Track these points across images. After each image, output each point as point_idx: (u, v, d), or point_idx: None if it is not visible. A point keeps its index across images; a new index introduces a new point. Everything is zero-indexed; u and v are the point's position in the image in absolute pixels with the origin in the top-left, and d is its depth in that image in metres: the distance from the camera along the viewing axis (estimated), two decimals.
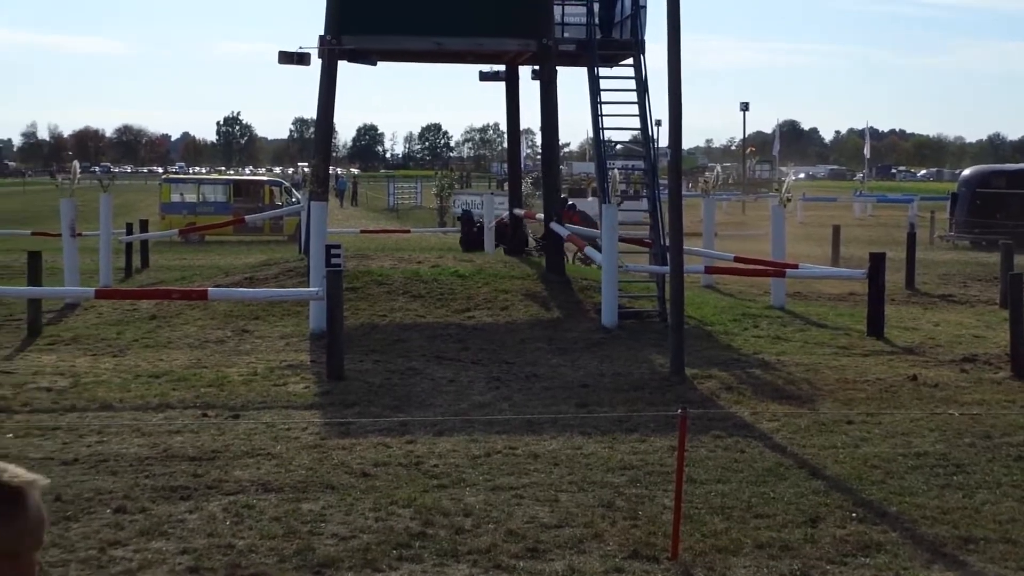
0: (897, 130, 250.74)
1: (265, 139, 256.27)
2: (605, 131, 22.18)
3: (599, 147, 22.01)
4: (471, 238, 32.25)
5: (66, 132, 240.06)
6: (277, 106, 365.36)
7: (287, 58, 23.05)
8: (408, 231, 36.02)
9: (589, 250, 21.12)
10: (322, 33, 22.44)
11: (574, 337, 18.84)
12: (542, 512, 9.87)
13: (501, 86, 27.72)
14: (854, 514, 9.88)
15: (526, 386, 15.41)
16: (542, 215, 24.18)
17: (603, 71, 22.54)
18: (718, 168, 41.37)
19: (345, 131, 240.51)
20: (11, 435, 12.54)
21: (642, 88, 21.92)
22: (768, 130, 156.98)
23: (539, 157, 35.37)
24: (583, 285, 22.47)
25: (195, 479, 10.89)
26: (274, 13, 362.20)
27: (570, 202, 34.97)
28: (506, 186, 39.40)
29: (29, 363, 16.89)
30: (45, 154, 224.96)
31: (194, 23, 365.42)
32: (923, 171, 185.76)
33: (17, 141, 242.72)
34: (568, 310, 20.75)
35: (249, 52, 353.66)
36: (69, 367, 16.53)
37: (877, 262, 20.08)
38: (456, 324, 19.70)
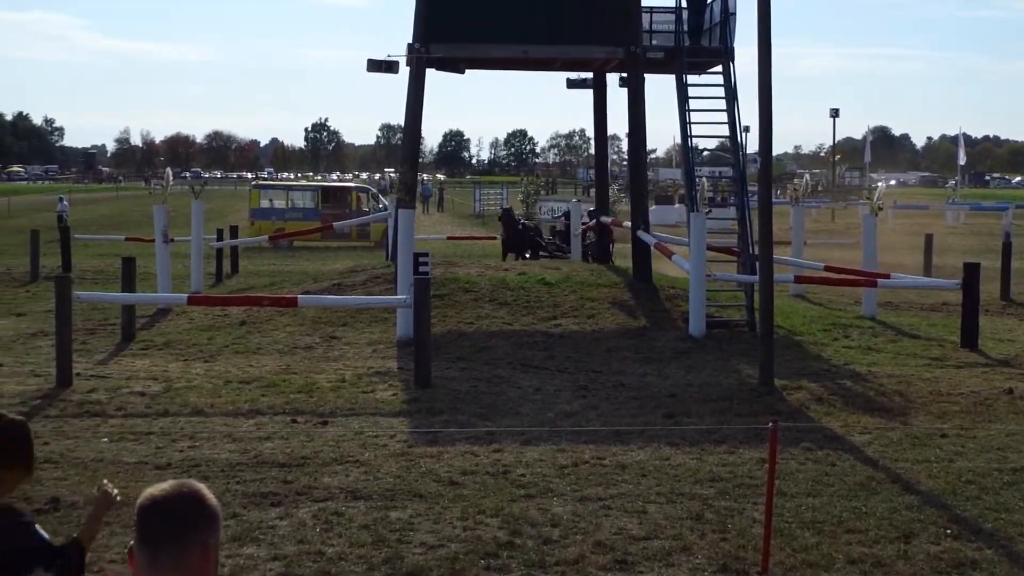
0: (991, 136, 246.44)
1: (352, 145, 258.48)
2: (693, 139, 22.05)
3: (687, 155, 21.89)
4: (513, 242, 30.89)
5: (158, 138, 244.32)
6: (364, 112, 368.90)
7: (375, 66, 23.24)
8: (495, 238, 35.95)
9: (677, 258, 20.98)
10: (410, 41, 22.59)
11: (661, 346, 18.75)
12: (630, 524, 9.83)
13: (588, 92, 27.71)
14: (948, 530, 9.71)
15: (613, 395, 15.36)
16: (629, 223, 24.07)
17: (691, 78, 22.41)
18: (807, 176, 40.84)
19: (431, 137, 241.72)
20: (106, 439, 12.76)
21: (731, 96, 21.76)
22: (858, 136, 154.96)
23: (625, 163, 35.14)
24: (670, 293, 22.35)
25: (285, 485, 10.99)
26: (362, 21, 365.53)
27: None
28: (592, 192, 39.29)
29: (123, 367, 17.18)
30: (138, 159, 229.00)
31: (283, 31, 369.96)
32: (1018, 178, 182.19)
33: (111, 147, 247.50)
34: (655, 319, 20.64)
35: (337, 59, 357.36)
36: (162, 372, 16.78)
37: (971, 272, 19.72)
38: (542, 332, 19.69)
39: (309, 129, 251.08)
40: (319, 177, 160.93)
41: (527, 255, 30.06)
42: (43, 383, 15.83)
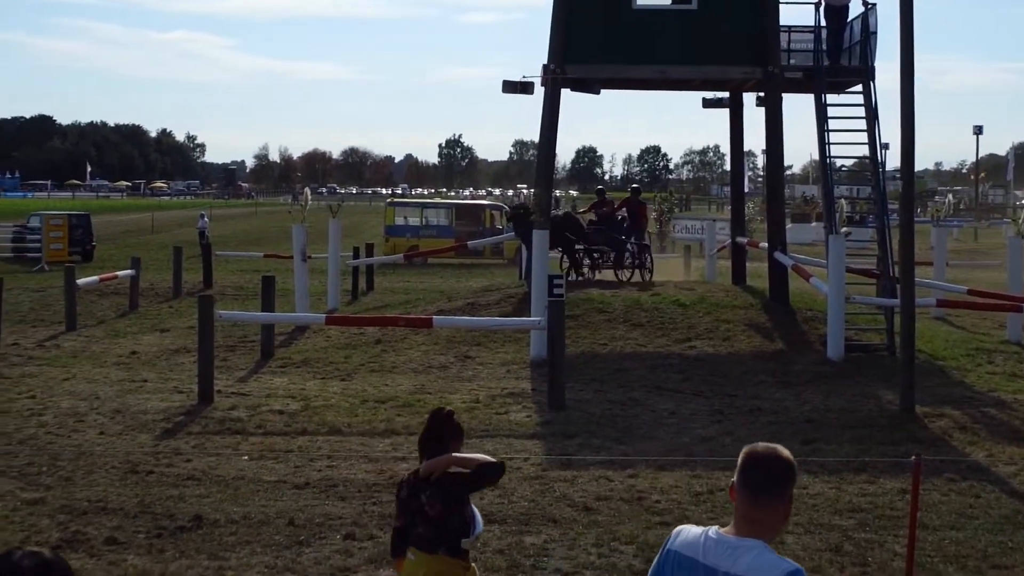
0: None
1: (485, 161, 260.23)
2: (832, 158, 21.70)
3: (826, 175, 21.53)
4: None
5: (296, 154, 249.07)
6: (497, 129, 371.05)
7: (511, 87, 23.33)
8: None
9: (815, 280, 20.64)
10: (546, 62, 22.63)
11: (798, 370, 18.46)
12: None
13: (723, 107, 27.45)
14: None
15: (749, 420, 15.16)
16: (765, 244, 23.77)
17: (830, 97, 22.07)
18: (950, 197, 39.91)
19: (564, 153, 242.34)
20: (247, 457, 13.00)
21: (872, 115, 21.36)
22: (1002, 152, 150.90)
23: (760, 179, 34.60)
24: (807, 316, 22.01)
25: None
26: (496, 38, 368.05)
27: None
28: (727, 209, 38.89)
29: (263, 385, 17.50)
30: (276, 175, 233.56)
31: (417, 49, 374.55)
32: None
33: (250, 163, 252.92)
34: (792, 341, 20.34)
35: (470, 77, 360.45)
36: (300, 390, 17.05)
37: None
38: (677, 354, 19.54)
39: (443, 145, 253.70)
40: (452, 193, 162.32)
41: (565, 264, 27.12)
42: (185, 400, 16.21)
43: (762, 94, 23.96)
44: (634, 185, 31.80)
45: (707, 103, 27.67)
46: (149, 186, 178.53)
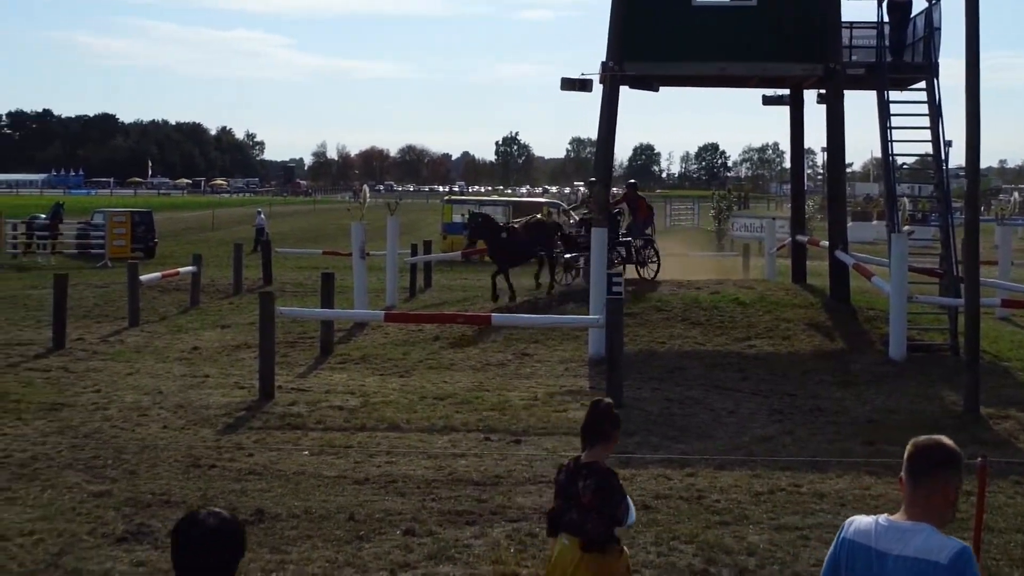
0: None
1: (542, 158, 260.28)
2: (894, 156, 21.47)
3: (888, 173, 21.31)
4: (503, 254, 25.71)
5: (353, 152, 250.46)
6: (554, 126, 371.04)
7: (569, 84, 23.30)
8: (686, 254, 35.71)
9: (877, 280, 20.45)
10: (604, 59, 22.58)
11: (859, 369, 18.30)
12: None
13: (782, 104, 27.24)
14: None
15: (809, 420, 15.05)
16: (826, 242, 23.58)
17: (893, 94, 21.83)
18: (1015, 195, 39.37)
19: (621, 150, 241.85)
20: (307, 452, 13.09)
21: (935, 112, 21.10)
22: None
23: (820, 177, 34.21)
24: (869, 315, 21.81)
25: (479, 504, 11.09)
26: (552, 36, 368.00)
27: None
28: (787, 207, 38.62)
29: (322, 381, 17.61)
30: (333, 173, 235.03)
31: (474, 47, 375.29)
32: None
33: (308, 160, 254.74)
34: (853, 341, 20.16)
35: (526, 74, 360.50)
36: (359, 386, 17.14)
37: None
38: (736, 353, 19.44)
39: (500, 143, 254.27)
40: (509, 191, 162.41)
41: (541, 274, 26.04)
42: (247, 395, 16.34)
43: (823, 91, 23.78)
44: (631, 180, 30.35)
45: (767, 100, 27.49)
46: (209, 183, 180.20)
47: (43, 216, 47.13)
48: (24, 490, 11.43)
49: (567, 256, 26.02)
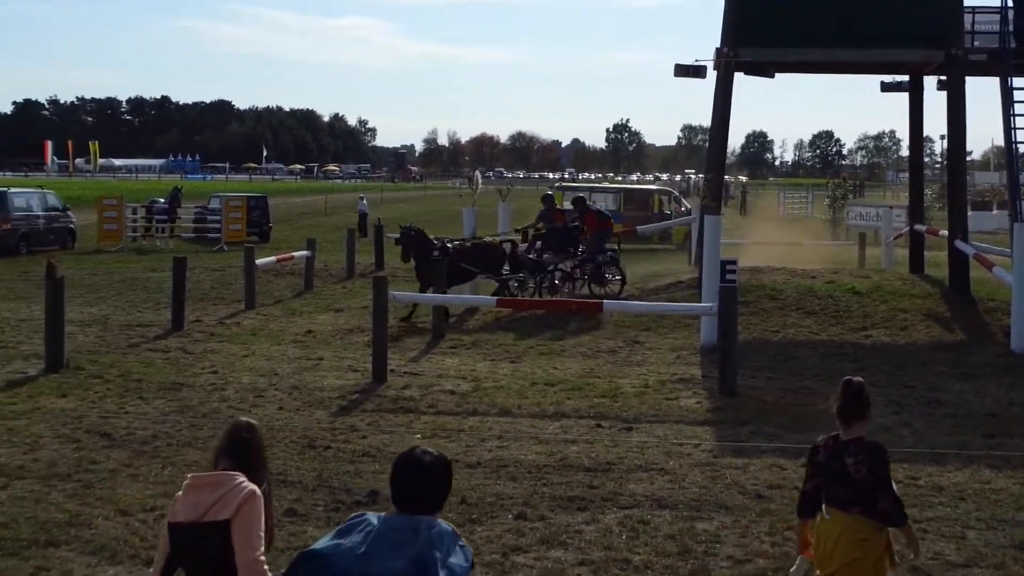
0: None
1: (653, 145, 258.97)
2: (1018, 144, 20.96)
3: (1011, 161, 20.82)
4: (428, 276, 22.54)
5: (464, 138, 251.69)
6: (665, 113, 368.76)
7: (683, 71, 23.14)
8: (801, 243, 35.22)
9: (998, 270, 19.98)
10: (718, 45, 22.38)
11: (980, 361, 17.90)
12: (947, 549, 9.42)
13: (900, 92, 26.73)
14: None
15: (927, 412, 14.76)
16: (945, 232, 23.11)
17: (1017, 80, 21.30)
18: None
19: (733, 137, 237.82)
20: (419, 435, 13.20)
21: None
22: None
23: (938, 166, 33.46)
24: (990, 306, 21.34)
25: (591, 490, 11.08)
26: (663, 22, 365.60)
27: (588, 203, 28.02)
28: (904, 196, 37.88)
29: (434, 365, 17.74)
30: (444, 159, 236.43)
31: (584, 34, 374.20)
32: None
33: (419, 147, 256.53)
34: (973, 332, 19.74)
35: (636, 61, 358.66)
36: (470, 371, 17.23)
37: None
38: (851, 343, 19.15)
39: (610, 130, 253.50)
40: (619, 178, 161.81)
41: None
42: (360, 378, 16.53)
43: (944, 77, 23.29)
44: (579, 195, 27.97)
45: (885, 87, 27.00)
46: (322, 169, 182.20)
47: (162, 200, 48.11)
48: (146, 467, 11.70)
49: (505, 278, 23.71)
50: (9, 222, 37.65)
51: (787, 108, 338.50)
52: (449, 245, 23.04)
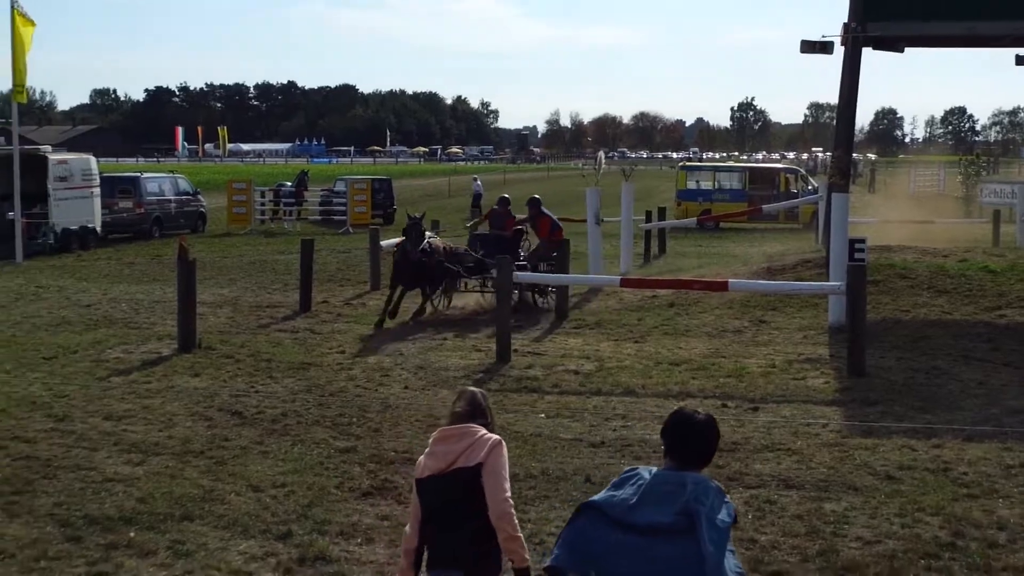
0: None
1: (779, 124, 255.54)
2: None
3: None
4: (406, 268, 20.39)
5: (586, 119, 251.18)
6: (791, 91, 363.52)
7: (809, 47, 22.70)
8: (932, 221, 34.47)
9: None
10: (845, 20, 21.92)
11: None
12: None
13: None
14: None
15: None
16: None
17: None
18: None
19: (862, 115, 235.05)
20: (543, 415, 13.24)
21: None
22: None
23: None
24: None
25: (716, 470, 10.97)
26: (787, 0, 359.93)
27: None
28: None
29: (558, 345, 17.76)
30: (567, 140, 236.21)
31: (707, 11, 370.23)
32: None
33: (542, 128, 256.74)
34: None
35: (763, 38, 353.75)
36: (594, 351, 17.21)
37: None
38: (985, 322, 18.69)
39: (735, 108, 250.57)
40: (744, 157, 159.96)
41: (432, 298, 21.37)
42: (484, 358, 16.62)
43: None
44: (534, 196, 24.41)
45: (1021, 60, 26.19)
46: (445, 151, 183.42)
47: (289, 184, 48.95)
48: (276, 444, 11.94)
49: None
50: (142, 206, 38.66)
51: (917, 84, 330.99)
52: (429, 245, 20.51)
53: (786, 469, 11.05)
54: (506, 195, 23.82)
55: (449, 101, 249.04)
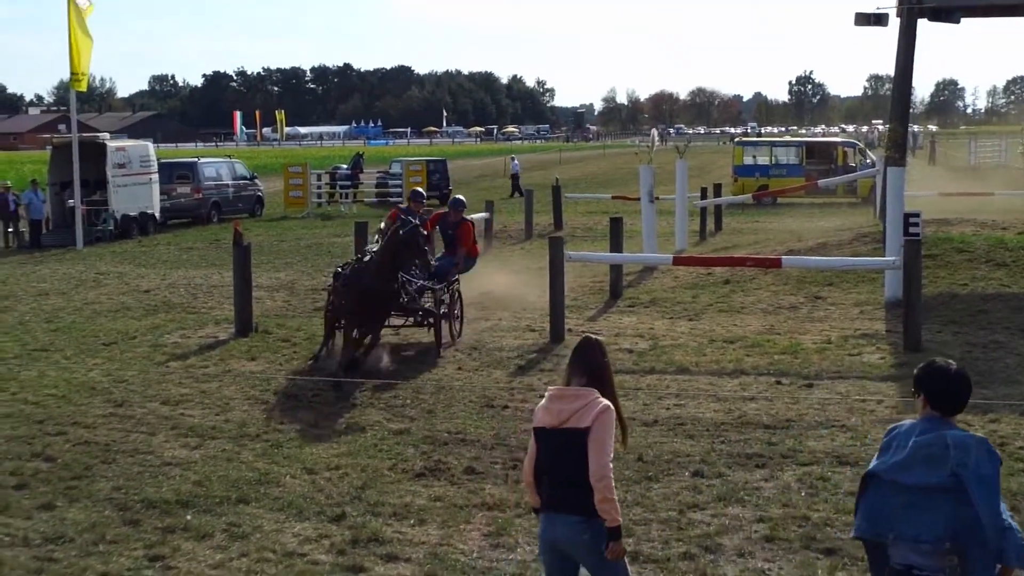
0: None
1: (838, 97, 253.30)
2: None
3: None
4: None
5: (642, 96, 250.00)
6: (850, 63, 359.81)
7: (864, 19, 22.46)
8: (992, 194, 33.95)
9: None
10: None
11: None
12: None
13: None
14: None
15: None
16: None
17: None
18: None
19: (922, 87, 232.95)
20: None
21: None
22: None
23: None
24: None
25: (769, 447, 10.98)
26: None
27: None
28: None
29: (611, 324, 17.75)
30: (623, 118, 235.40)
31: None
32: None
33: (598, 106, 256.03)
34: None
35: (820, 11, 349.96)
36: (648, 329, 17.19)
37: None
38: None
39: (793, 82, 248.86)
40: (803, 131, 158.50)
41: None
42: (538, 338, 16.64)
43: None
44: (457, 196, 18.53)
45: None
46: (501, 131, 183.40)
47: (345, 166, 49.15)
48: (330, 427, 12.05)
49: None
50: (200, 191, 39.02)
51: (979, 54, 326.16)
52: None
53: (840, 446, 11.00)
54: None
55: (505, 80, 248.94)
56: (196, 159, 42.93)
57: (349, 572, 8.20)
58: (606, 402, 6.08)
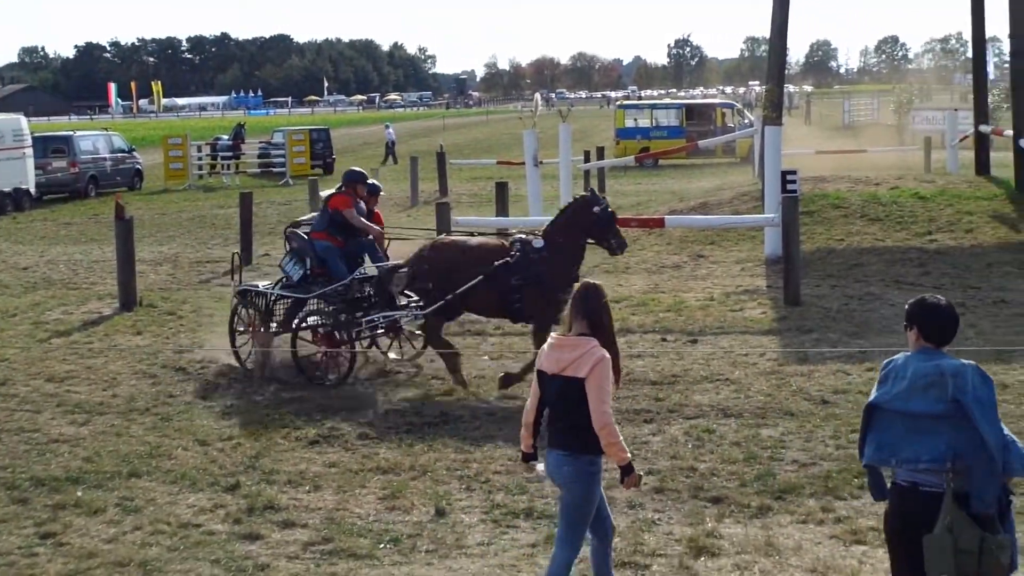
0: None
1: (716, 59, 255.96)
2: None
3: None
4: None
5: (524, 62, 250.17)
6: (727, 26, 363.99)
7: None
8: (865, 151, 34.79)
9: None
10: None
11: None
12: None
13: None
14: None
15: (993, 312, 14.71)
16: (1011, 131, 22.76)
17: None
18: None
19: (797, 48, 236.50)
20: (487, 357, 13.37)
21: None
22: None
23: (1007, 66, 32.64)
24: None
25: (657, 403, 11.23)
26: None
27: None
28: (971, 99, 37.21)
29: None
30: (505, 84, 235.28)
31: None
32: None
33: (480, 72, 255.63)
34: None
35: None
36: None
37: None
38: (916, 248, 19.03)
39: (671, 45, 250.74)
40: (682, 94, 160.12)
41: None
42: None
43: None
44: (356, 169, 14.28)
45: None
46: (383, 99, 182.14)
47: (225, 137, 48.51)
48: (220, 399, 12.01)
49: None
50: (77, 165, 38.23)
51: (851, 14, 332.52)
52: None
53: (724, 399, 11.29)
54: (376, 181, 14.81)
55: (386, 48, 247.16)
56: (72, 132, 42.04)
57: (246, 540, 8.23)
58: (602, 352, 6.40)
